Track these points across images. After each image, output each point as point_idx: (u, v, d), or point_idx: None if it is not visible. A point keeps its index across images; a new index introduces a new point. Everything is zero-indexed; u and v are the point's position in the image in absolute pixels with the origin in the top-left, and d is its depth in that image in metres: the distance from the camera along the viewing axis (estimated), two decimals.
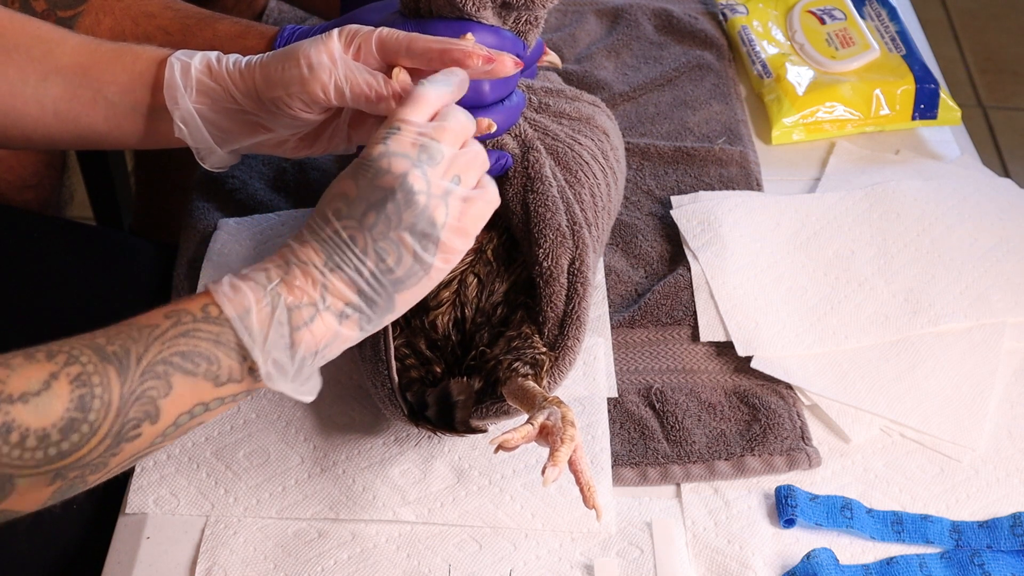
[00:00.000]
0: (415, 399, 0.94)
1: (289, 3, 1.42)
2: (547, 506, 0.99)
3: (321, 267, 0.79)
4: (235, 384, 0.78)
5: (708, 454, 1.04)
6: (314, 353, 0.79)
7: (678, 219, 1.24)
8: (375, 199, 0.79)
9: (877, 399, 1.08)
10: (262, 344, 0.77)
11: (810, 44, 1.44)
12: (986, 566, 0.96)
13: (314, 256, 0.79)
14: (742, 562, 0.96)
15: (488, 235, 1.03)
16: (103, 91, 0.93)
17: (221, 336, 0.77)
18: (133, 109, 0.93)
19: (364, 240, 0.79)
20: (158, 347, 0.75)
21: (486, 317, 1.00)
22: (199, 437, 1.04)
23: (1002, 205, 1.26)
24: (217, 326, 0.77)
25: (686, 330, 1.15)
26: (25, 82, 0.93)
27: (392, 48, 0.89)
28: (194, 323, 0.77)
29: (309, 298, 0.78)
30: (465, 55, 0.88)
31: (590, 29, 1.52)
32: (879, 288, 1.17)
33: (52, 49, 0.93)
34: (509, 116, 1.01)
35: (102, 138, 0.95)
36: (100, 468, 0.76)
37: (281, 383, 0.79)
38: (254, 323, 0.77)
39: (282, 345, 0.78)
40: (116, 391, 0.74)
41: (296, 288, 0.78)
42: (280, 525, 0.99)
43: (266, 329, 0.77)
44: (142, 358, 0.75)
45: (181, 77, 0.91)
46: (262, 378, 0.78)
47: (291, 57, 0.88)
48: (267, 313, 0.77)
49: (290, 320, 0.78)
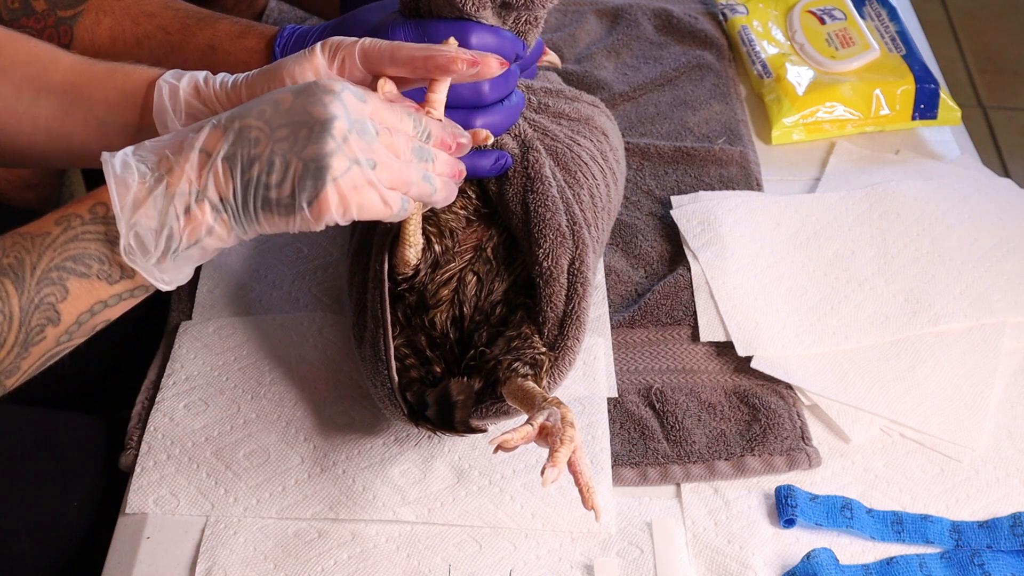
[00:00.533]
0: (415, 399, 0.94)
1: (289, 3, 1.42)
2: (547, 506, 0.99)
3: (218, 156, 0.80)
4: (128, 280, 0.81)
5: (708, 454, 1.04)
6: (186, 241, 0.80)
7: (678, 219, 1.24)
8: (298, 119, 0.80)
9: (877, 399, 1.08)
10: (128, 219, 0.79)
11: (810, 44, 1.44)
12: (986, 566, 0.96)
13: (217, 144, 0.80)
14: (742, 562, 0.96)
15: (488, 233, 1.03)
16: (94, 110, 0.93)
17: (108, 234, 0.80)
18: (123, 129, 0.93)
19: (266, 146, 0.79)
20: (51, 255, 0.79)
21: (484, 316, 1.00)
22: (199, 437, 1.04)
23: (1002, 205, 1.26)
24: (104, 225, 0.80)
25: (686, 330, 1.15)
26: (19, 99, 0.93)
27: (376, 58, 0.88)
28: (83, 226, 0.80)
29: (194, 185, 0.79)
30: (449, 60, 0.87)
31: (590, 29, 1.52)
32: (879, 288, 1.17)
33: (46, 67, 0.94)
34: (509, 116, 1.01)
35: (96, 158, 0.95)
36: (14, 372, 0.81)
37: (140, 261, 0.80)
38: (128, 202, 0.79)
39: (149, 225, 0.79)
40: (15, 302, 0.78)
41: (185, 174, 0.79)
42: (280, 525, 0.99)
43: (139, 208, 0.79)
44: (36, 267, 0.79)
45: (170, 100, 0.91)
46: (120, 252, 0.79)
47: (275, 76, 0.88)
48: (144, 194, 0.79)
49: (167, 204, 0.79)
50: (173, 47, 1.07)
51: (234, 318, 1.15)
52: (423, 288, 1.00)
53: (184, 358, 1.11)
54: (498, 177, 1.03)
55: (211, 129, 0.80)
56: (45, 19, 1.07)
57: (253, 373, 1.10)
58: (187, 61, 1.06)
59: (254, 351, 1.12)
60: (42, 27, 1.07)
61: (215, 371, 1.10)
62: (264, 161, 0.79)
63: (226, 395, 1.08)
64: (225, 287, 1.18)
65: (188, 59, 1.06)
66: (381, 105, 0.83)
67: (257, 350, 1.12)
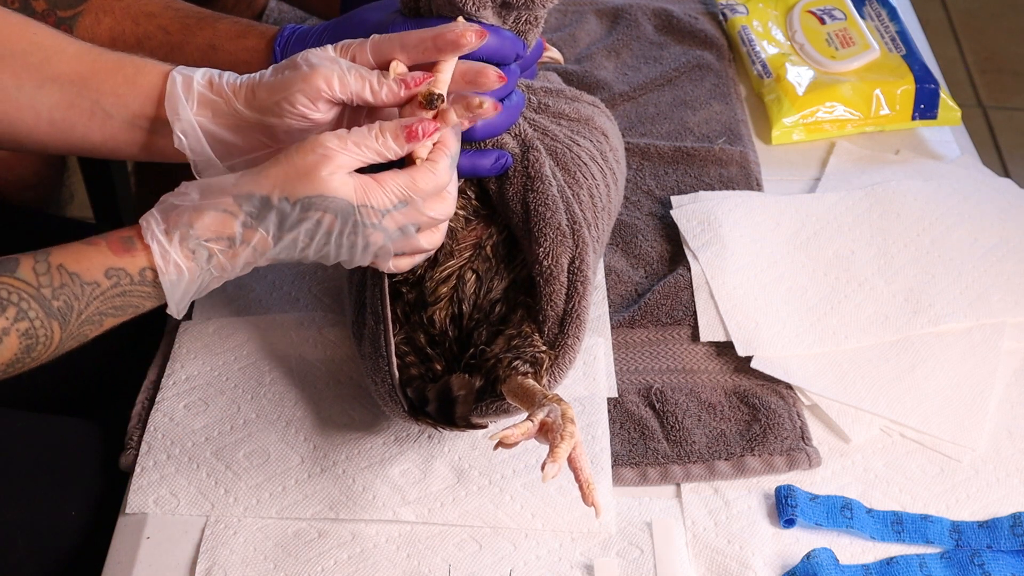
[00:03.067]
0: (415, 395, 0.94)
1: (289, 3, 1.42)
2: (547, 506, 0.99)
3: (264, 257, 0.88)
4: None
5: (708, 454, 1.04)
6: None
7: (678, 219, 1.24)
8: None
9: (877, 399, 1.08)
10: (177, 301, 0.88)
11: (810, 44, 1.44)
12: (986, 566, 0.96)
13: (266, 249, 0.88)
14: (742, 562, 0.96)
15: (488, 231, 1.03)
16: (101, 102, 0.93)
17: (152, 294, 0.88)
18: (131, 122, 0.94)
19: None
20: (97, 304, 0.86)
21: (484, 314, 1.00)
22: (199, 437, 1.04)
23: (1002, 205, 1.26)
24: (152, 287, 0.87)
25: (686, 330, 1.15)
26: (20, 88, 0.93)
27: (387, 49, 0.90)
28: (131, 285, 0.87)
29: (237, 271, 0.89)
30: (458, 35, 0.89)
31: (590, 29, 1.52)
32: (879, 288, 1.17)
33: (50, 56, 0.93)
34: (509, 116, 1.00)
35: (96, 149, 0.96)
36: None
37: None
38: (179, 293, 0.88)
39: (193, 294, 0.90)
40: (57, 338, 0.86)
41: (229, 269, 0.88)
42: (280, 525, 0.99)
43: (187, 295, 0.88)
44: (82, 313, 0.86)
45: (183, 89, 0.91)
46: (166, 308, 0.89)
47: (291, 63, 0.90)
48: (191, 280, 0.87)
49: (210, 281, 0.89)
50: (173, 47, 1.06)
51: (234, 318, 1.15)
52: (422, 285, 1.00)
53: (184, 358, 1.11)
54: (498, 176, 1.03)
55: (262, 235, 0.87)
56: (45, 19, 1.07)
57: (253, 373, 1.10)
58: (187, 61, 1.06)
59: (254, 351, 1.12)
60: None
61: (215, 371, 1.10)
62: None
63: (226, 395, 1.08)
64: (225, 287, 1.18)
65: (188, 59, 1.06)
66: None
67: (257, 350, 1.12)
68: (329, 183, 0.85)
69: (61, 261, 0.85)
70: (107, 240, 0.86)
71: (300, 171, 0.86)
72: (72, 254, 0.86)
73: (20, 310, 0.83)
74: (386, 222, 0.88)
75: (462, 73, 0.92)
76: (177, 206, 0.86)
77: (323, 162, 0.86)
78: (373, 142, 0.87)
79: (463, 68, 0.92)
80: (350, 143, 0.86)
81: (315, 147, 0.86)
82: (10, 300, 0.83)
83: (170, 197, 0.88)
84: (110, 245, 0.86)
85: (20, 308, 0.83)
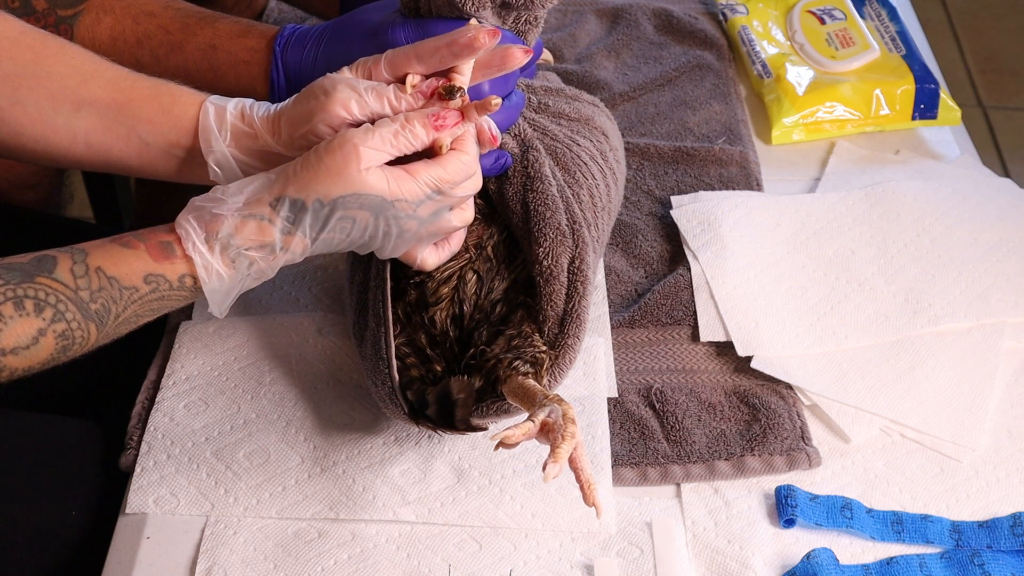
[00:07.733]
0: (416, 397, 0.94)
1: (289, 3, 1.42)
2: (547, 506, 0.99)
3: (301, 254, 0.89)
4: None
5: (708, 454, 1.04)
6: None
7: (678, 219, 1.24)
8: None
9: (877, 399, 1.08)
10: (220, 305, 0.89)
11: (810, 44, 1.44)
12: (986, 566, 0.96)
13: (303, 250, 0.88)
14: (742, 562, 0.96)
15: (488, 231, 1.03)
16: (137, 129, 0.94)
17: (189, 296, 0.89)
18: (167, 151, 0.95)
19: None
20: (135, 308, 0.87)
21: (484, 314, 1.00)
22: (199, 437, 1.04)
23: (1002, 205, 1.26)
24: (189, 292, 0.88)
25: (686, 330, 1.15)
26: (57, 111, 0.94)
27: (402, 62, 0.91)
28: (170, 291, 0.87)
29: (278, 264, 0.89)
30: (472, 38, 0.90)
31: (590, 29, 1.52)
32: (879, 288, 1.17)
33: (87, 80, 0.94)
34: (509, 115, 1.01)
35: (134, 171, 0.98)
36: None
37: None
38: (219, 297, 0.88)
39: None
40: (93, 339, 0.86)
41: (266, 272, 0.89)
42: (280, 525, 0.99)
43: (226, 299, 0.89)
44: (120, 315, 0.86)
45: (216, 121, 0.92)
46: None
47: (308, 92, 0.91)
48: (236, 283, 0.88)
49: (249, 283, 0.90)
50: (173, 46, 1.06)
51: (234, 318, 1.15)
52: (423, 286, 1.00)
53: (184, 358, 1.11)
54: (498, 176, 1.03)
55: (300, 239, 0.87)
56: (45, 18, 1.07)
57: (253, 373, 1.10)
58: (188, 60, 1.06)
59: (254, 351, 1.12)
60: (42, 26, 1.07)
61: (215, 371, 1.10)
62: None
63: (226, 395, 1.08)
64: None
65: (189, 58, 1.06)
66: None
67: (257, 350, 1.12)
68: (362, 180, 0.86)
69: (100, 264, 0.85)
70: (146, 244, 0.86)
71: (331, 171, 0.86)
72: (111, 257, 0.86)
73: (57, 311, 0.83)
74: (420, 211, 0.89)
75: (488, 59, 0.92)
76: (214, 214, 0.86)
77: (353, 160, 0.86)
78: (401, 133, 0.87)
79: (487, 56, 0.92)
80: (377, 137, 0.87)
81: (343, 144, 0.86)
82: (47, 301, 0.83)
83: (204, 202, 0.87)
84: (149, 250, 0.86)
85: (57, 310, 0.83)
